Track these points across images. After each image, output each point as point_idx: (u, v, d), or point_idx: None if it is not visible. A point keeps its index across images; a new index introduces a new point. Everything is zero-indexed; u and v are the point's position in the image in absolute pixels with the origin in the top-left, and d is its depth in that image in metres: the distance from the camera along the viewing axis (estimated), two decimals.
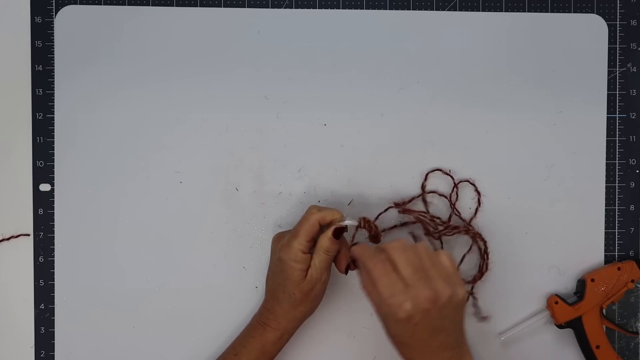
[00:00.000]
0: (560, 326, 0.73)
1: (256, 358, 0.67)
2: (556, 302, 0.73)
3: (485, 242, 0.73)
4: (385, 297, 0.58)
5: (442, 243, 0.73)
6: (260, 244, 0.73)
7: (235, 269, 0.74)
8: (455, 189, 0.74)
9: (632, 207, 0.76)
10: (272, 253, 0.68)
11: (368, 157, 0.74)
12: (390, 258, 0.60)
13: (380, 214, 0.72)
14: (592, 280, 0.73)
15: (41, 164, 0.73)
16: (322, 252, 0.65)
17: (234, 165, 0.74)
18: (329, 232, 0.65)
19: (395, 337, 0.60)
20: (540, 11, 0.75)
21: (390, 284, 0.58)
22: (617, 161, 0.76)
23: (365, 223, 0.66)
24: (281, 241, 0.66)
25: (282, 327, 0.67)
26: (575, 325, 0.73)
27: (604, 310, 0.73)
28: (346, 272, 0.68)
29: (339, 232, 0.65)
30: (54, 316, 0.73)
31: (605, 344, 0.72)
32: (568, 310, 0.72)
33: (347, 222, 0.65)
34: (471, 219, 0.74)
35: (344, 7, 0.75)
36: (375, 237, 0.68)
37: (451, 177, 0.74)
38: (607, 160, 0.76)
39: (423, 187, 0.74)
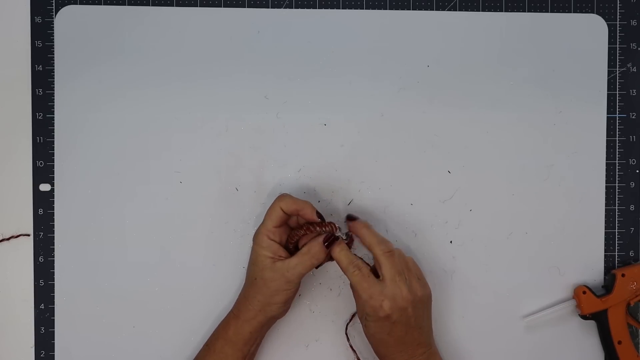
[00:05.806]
0: (584, 317, 0.73)
1: (221, 347, 0.67)
2: (584, 292, 0.72)
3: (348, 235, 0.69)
4: (365, 299, 0.64)
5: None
6: None
7: (235, 269, 0.73)
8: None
9: (632, 207, 0.76)
10: None
11: (368, 157, 0.74)
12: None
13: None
14: (623, 275, 0.72)
15: (41, 164, 0.73)
16: (307, 256, 0.65)
17: (234, 165, 0.74)
18: (321, 238, 0.66)
19: (374, 336, 0.65)
20: (540, 11, 0.75)
21: (368, 287, 0.64)
22: (617, 161, 0.76)
23: (348, 238, 0.68)
24: None
25: (241, 315, 0.67)
26: (600, 318, 0.72)
27: (630, 307, 0.73)
28: (316, 267, 0.68)
29: (332, 242, 0.66)
30: (54, 316, 0.73)
31: (628, 341, 0.72)
32: (595, 302, 0.72)
33: (338, 234, 0.67)
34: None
35: (344, 7, 0.75)
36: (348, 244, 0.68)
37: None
38: (607, 160, 0.76)
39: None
